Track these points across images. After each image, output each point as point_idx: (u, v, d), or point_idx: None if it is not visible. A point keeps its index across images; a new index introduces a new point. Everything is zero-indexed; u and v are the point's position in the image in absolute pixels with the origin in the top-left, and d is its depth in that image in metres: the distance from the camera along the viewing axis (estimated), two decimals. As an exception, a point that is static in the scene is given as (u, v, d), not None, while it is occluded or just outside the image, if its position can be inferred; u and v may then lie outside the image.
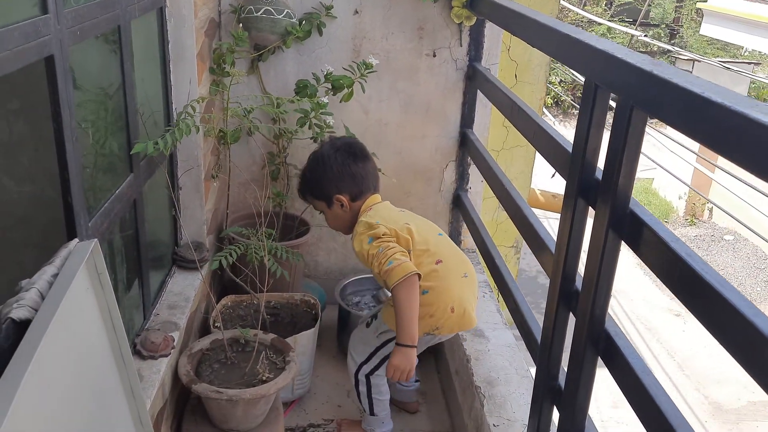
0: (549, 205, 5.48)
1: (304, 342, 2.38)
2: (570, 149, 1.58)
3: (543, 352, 1.67)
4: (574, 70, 1.59)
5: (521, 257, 4.40)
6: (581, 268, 1.54)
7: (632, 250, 1.25)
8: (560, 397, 1.59)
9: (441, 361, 2.74)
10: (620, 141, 1.23)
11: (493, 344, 2.36)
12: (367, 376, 2.21)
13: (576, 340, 1.44)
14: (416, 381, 2.52)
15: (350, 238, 2.19)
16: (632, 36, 11.84)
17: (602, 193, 1.32)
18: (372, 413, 2.26)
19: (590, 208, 1.46)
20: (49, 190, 1.45)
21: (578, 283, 1.53)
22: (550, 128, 1.80)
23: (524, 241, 4.32)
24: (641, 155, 1.27)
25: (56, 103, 1.36)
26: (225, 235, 2.64)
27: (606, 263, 1.32)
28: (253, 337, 2.19)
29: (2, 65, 1.10)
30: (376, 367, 2.19)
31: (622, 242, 1.31)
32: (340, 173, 2.14)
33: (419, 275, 1.93)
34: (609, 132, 1.29)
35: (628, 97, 1.21)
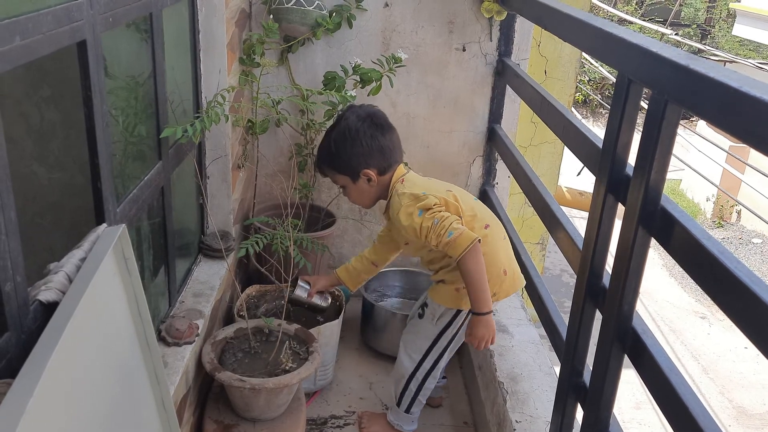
0: (576, 203, 5.44)
1: (327, 333, 2.39)
2: (600, 145, 1.56)
3: (568, 349, 1.65)
4: (606, 64, 1.56)
5: (546, 255, 4.37)
6: (608, 266, 1.52)
7: (662, 246, 1.23)
8: (585, 394, 1.57)
9: (464, 356, 2.72)
10: (653, 136, 1.21)
11: (517, 340, 2.35)
12: (425, 377, 2.19)
13: (602, 337, 1.42)
14: (444, 378, 2.51)
15: (383, 213, 2.14)
16: (663, 35, 11.68)
17: (633, 188, 1.30)
18: (408, 411, 2.25)
19: (620, 204, 1.44)
20: (78, 175, 1.46)
21: (605, 280, 1.51)
22: (580, 123, 1.77)
23: (549, 239, 4.30)
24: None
25: (88, 88, 1.37)
26: (250, 224, 2.66)
27: (635, 259, 1.30)
28: (276, 327, 2.20)
29: (36, 48, 1.11)
30: (435, 364, 2.17)
31: (651, 239, 1.29)
32: (369, 147, 2.05)
33: (480, 240, 1.90)
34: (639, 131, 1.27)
35: (662, 91, 1.19)
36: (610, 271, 1.53)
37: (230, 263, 2.44)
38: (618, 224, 1.35)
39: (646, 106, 1.26)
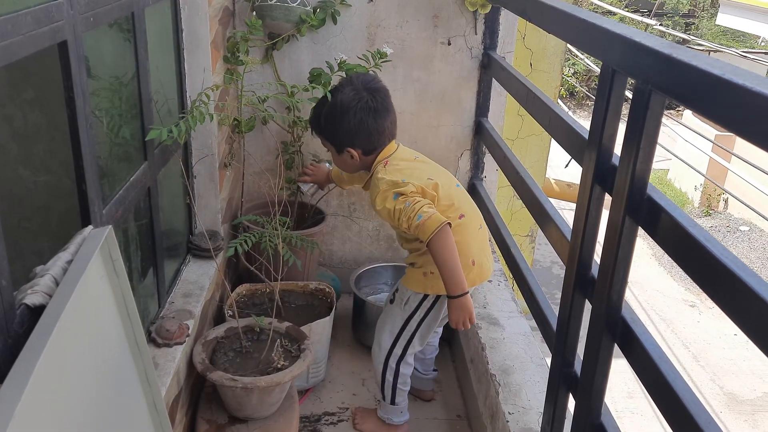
0: (563, 195, 5.45)
1: (319, 330, 2.38)
2: (586, 136, 1.56)
3: (559, 339, 1.65)
4: (591, 55, 1.56)
5: (536, 247, 4.38)
6: (597, 256, 1.53)
7: (650, 235, 1.23)
8: (576, 384, 1.58)
9: (456, 350, 2.73)
10: (638, 125, 1.21)
11: (509, 332, 2.35)
12: (398, 363, 2.19)
13: (592, 327, 1.42)
14: (434, 370, 2.51)
15: (362, 186, 2.22)
16: (647, 26, 11.72)
17: (619, 178, 1.30)
18: (393, 402, 2.26)
19: (606, 195, 1.44)
20: (63, 177, 1.45)
21: (594, 271, 1.52)
22: (565, 115, 1.78)
23: (539, 231, 4.31)
24: (657, 146, 1.26)
25: (70, 89, 1.36)
26: (239, 223, 2.65)
27: (623, 249, 1.30)
28: (267, 325, 2.19)
29: (15, 50, 1.10)
30: (405, 350, 2.18)
31: (638, 229, 1.30)
32: (356, 129, 2.05)
33: (450, 224, 1.91)
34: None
35: (646, 81, 1.19)
36: (598, 262, 1.54)
37: (219, 263, 2.43)
38: (606, 215, 1.35)
39: (631, 96, 1.26)
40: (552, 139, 3.72)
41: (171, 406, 1.85)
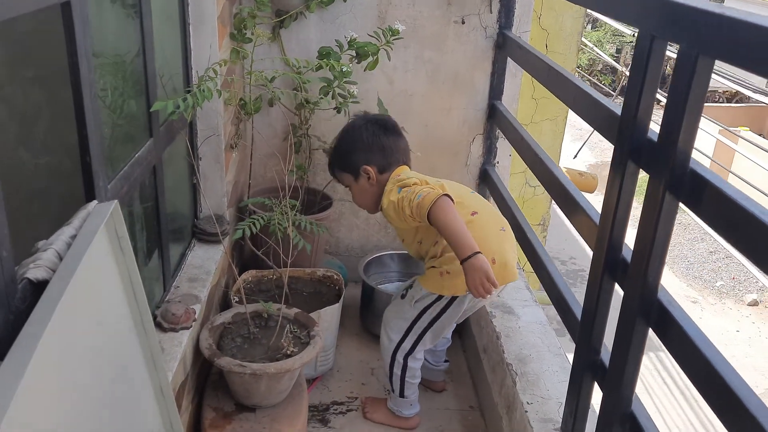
0: (576, 184, 5.33)
1: (328, 317, 2.31)
2: (617, 111, 1.49)
3: (585, 326, 1.58)
4: (625, 22, 1.49)
5: (546, 236, 4.30)
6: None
7: (693, 211, 1.16)
8: (604, 373, 1.50)
9: (467, 339, 2.65)
10: (683, 93, 1.13)
11: (524, 321, 2.28)
12: (405, 358, 2.12)
13: (625, 311, 1.35)
14: (446, 361, 2.44)
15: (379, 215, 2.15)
16: None
17: (659, 152, 1.23)
18: (402, 395, 2.19)
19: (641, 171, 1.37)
20: (67, 150, 1.37)
21: (625, 253, 1.44)
22: (592, 90, 1.70)
23: (550, 219, 4.23)
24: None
25: (74, 54, 1.28)
26: (246, 205, 2.57)
27: (662, 227, 1.23)
28: (276, 311, 2.12)
29: (16, 5, 1.02)
30: (414, 346, 2.11)
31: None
32: (369, 143, 2.09)
33: (452, 199, 1.85)
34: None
35: (692, 44, 1.11)
36: (628, 244, 1.47)
37: (227, 246, 2.35)
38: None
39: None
40: (566, 124, 3.65)
41: (177, 393, 1.77)
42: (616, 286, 1.46)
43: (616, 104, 1.54)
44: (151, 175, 1.86)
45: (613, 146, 1.44)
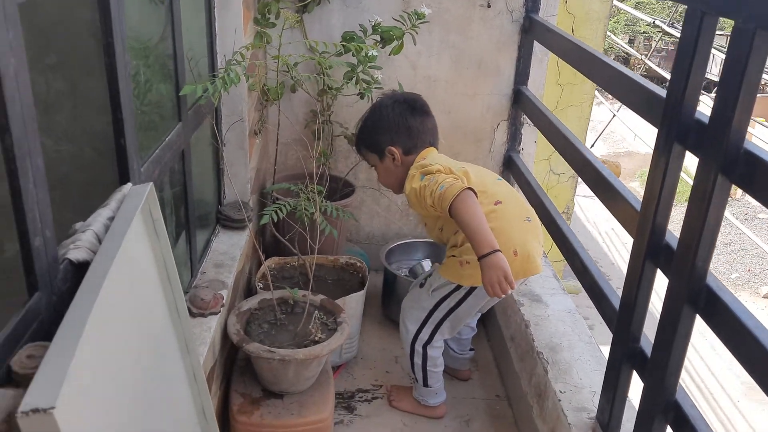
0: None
1: (352, 305, 2.29)
2: (657, 91, 1.45)
3: (624, 313, 1.55)
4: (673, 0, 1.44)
5: (570, 224, 4.25)
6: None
7: (748, 193, 1.12)
8: (644, 361, 1.47)
9: (492, 328, 2.63)
10: (738, 72, 1.10)
11: (553, 310, 2.25)
12: (424, 347, 2.10)
13: (670, 297, 1.32)
14: (471, 350, 2.41)
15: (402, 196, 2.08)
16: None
17: (711, 133, 1.19)
18: (426, 384, 2.16)
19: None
20: (100, 133, 1.35)
21: (669, 238, 1.41)
22: (631, 72, 1.66)
23: (574, 207, 4.17)
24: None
25: (109, 34, 1.25)
26: (271, 191, 2.54)
27: (713, 210, 1.19)
28: (302, 297, 2.10)
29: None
30: (432, 336, 2.08)
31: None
32: (395, 124, 2.04)
33: (475, 193, 1.80)
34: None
35: (748, 18, 1.07)
36: (669, 228, 1.44)
37: (252, 232, 2.33)
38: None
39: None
40: (592, 110, 3.60)
41: (206, 378, 1.75)
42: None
43: (657, 86, 1.50)
44: (180, 160, 1.84)
45: (632, 134, 1.40)
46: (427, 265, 2.60)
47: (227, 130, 2.31)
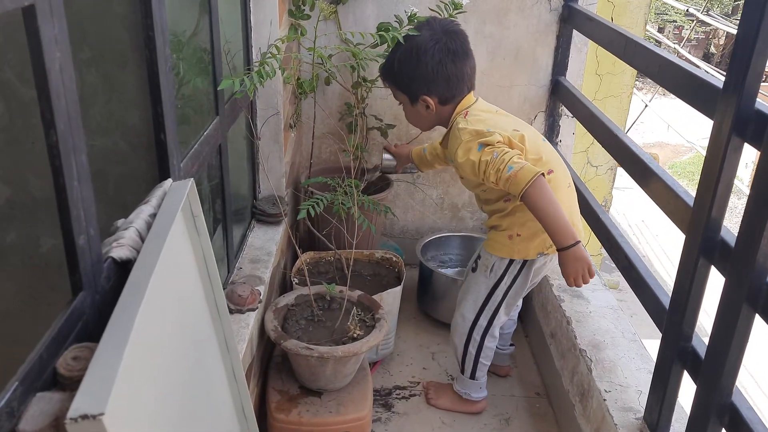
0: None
1: (389, 300, 2.26)
2: (714, 83, 1.40)
3: (674, 311, 1.49)
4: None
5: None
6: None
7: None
8: (697, 361, 1.42)
9: (530, 324, 2.58)
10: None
11: (594, 306, 2.19)
12: (483, 336, 2.05)
13: (728, 295, 1.26)
14: (511, 345, 2.37)
15: (440, 142, 2.09)
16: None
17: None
18: (473, 377, 2.12)
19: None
20: (140, 127, 1.33)
21: (725, 234, 1.36)
22: (682, 61, 1.60)
23: (612, 200, 4.08)
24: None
25: (150, 27, 1.23)
26: (306, 185, 2.52)
27: (777, 206, 1.14)
28: (339, 293, 2.07)
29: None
30: (491, 321, 2.03)
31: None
32: (434, 73, 1.88)
33: (544, 175, 1.72)
34: None
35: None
36: (723, 223, 1.38)
37: (288, 227, 2.31)
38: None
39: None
40: (631, 101, 3.52)
41: (245, 376, 1.73)
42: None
43: (711, 76, 1.44)
44: (217, 155, 1.82)
45: (662, 125, 1.35)
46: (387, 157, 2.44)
47: (263, 124, 2.28)
